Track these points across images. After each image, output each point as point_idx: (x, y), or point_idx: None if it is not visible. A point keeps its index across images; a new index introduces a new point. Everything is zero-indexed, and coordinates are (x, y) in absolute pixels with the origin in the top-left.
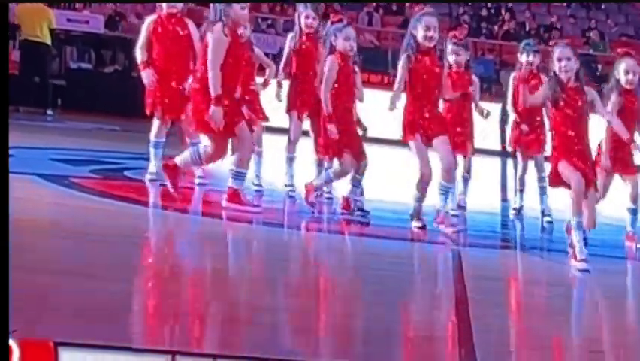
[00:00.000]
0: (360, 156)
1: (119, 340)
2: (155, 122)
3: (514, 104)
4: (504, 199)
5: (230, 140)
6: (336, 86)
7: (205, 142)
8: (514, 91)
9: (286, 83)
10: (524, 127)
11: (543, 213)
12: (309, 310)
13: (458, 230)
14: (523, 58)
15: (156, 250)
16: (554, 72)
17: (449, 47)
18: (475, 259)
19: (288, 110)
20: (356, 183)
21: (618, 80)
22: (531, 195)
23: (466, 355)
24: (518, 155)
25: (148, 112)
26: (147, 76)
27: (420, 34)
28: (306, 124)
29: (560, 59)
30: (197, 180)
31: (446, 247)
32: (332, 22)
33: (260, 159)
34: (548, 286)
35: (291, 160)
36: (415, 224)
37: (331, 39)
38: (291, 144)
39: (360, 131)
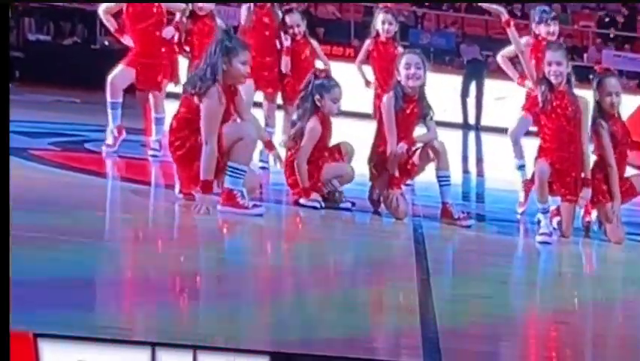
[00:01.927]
0: None
1: (85, 313)
2: (108, 84)
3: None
4: (465, 171)
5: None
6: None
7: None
8: (529, 64)
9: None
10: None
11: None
12: (271, 279)
13: (471, 225)
14: (541, 28)
15: (118, 223)
16: (544, 75)
17: (380, 16)
18: (436, 230)
19: None
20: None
21: (599, 103)
22: (497, 168)
23: (427, 324)
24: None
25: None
26: (128, 39)
27: (402, 74)
28: None
29: (550, 63)
30: (150, 152)
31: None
32: (315, 76)
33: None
34: (509, 257)
35: None
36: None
37: (316, 98)
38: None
39: None
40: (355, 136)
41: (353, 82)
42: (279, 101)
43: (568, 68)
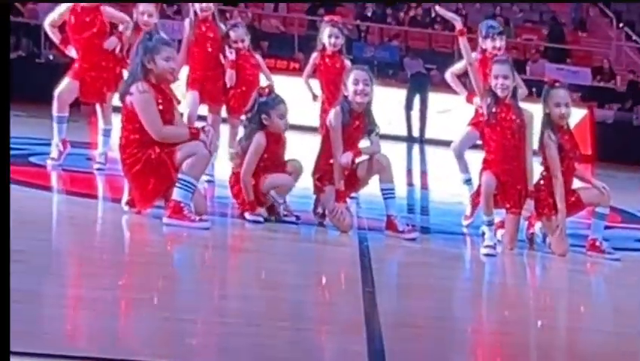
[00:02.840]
0: None
1: (30, 328)
2: (55, 99)
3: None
4: (409, 184)
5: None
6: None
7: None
8: (477, 77)
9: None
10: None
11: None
12: (215, 292)
13: (416, 238)
14: (488, 43)
15: (64, 236)
16: (490, 88)
17: (327, 30)
18: (380, 243)
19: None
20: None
21: (549, 115)
22: (441, 180)
23: (373, 336)
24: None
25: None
26: (70, 50)
27: (350, 89)
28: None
29: (496, 76)
30: (95, 166)
31: (353, 231)
32: (260, 95)
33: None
34: (454, 269)
35: None
36: None
37: (263, 117)
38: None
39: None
40: (300, 149)
41: (297, 95)
42: (224, 114)
43: (514, 83)
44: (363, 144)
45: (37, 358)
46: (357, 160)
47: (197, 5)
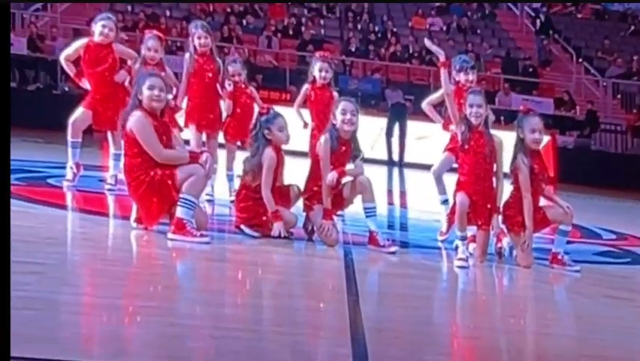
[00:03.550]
0: None
1: (44, 334)
2: (70, 126)
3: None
4: (390, 203)
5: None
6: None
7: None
8: (453, 106)
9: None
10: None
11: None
12: (214, 300)
13: (395, 251)
14: (461, 76)
15: (78, 249)
16: (465, 116)
17: (317, 64)
18: (363, 256)
19: (186, 125)
20: None
21: (523, 140)
22: (419, 200)
23: (357, 339)
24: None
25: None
26: (84, 83)
27: (338, 118)
28: None
29: (471, 105)
30: (106, 187)
31: (339, 245)
32: (260, 114)
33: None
34: (430, 280)
35: None
36: None
37: (265, 133)
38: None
39: None
40: (292, 172)
41: (289, 123)
42: (221, 140)
43: (486, 112)
44: (348, 167)
45: None
46: (342, 181)
47: (196, 41)
